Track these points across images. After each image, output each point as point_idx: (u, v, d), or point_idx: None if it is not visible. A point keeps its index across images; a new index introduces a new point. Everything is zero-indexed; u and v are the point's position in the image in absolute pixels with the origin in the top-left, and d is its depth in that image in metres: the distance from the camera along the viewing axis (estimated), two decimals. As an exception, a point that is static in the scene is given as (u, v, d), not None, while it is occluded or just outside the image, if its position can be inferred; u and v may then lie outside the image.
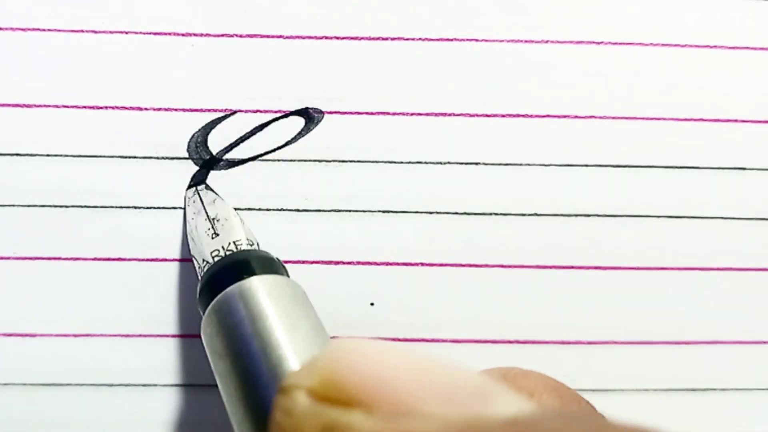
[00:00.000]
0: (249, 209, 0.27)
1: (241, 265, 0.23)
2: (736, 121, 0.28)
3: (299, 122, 0.28)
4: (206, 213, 0.26)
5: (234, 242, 0.24)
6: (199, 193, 0.27)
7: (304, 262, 0.27)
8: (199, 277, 0.25)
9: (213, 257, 0.24)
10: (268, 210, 0.27)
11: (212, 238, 0.25)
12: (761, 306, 0.28)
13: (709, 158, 0.28)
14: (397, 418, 0.14)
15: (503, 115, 0.28)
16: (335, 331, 0.27)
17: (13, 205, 0.27)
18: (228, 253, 0.24)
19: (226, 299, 0.22)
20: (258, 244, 0.25)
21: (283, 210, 0.27)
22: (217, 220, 0.25)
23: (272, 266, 0.23)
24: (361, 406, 0.15)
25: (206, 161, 0.27)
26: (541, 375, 0.22)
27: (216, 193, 0.27)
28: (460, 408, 0.14)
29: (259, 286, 0.22)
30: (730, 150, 0.28)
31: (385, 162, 0.28)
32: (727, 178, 0.28)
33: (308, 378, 0.16)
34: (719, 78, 0.28)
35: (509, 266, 0.28)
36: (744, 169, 0.28)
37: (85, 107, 0.27)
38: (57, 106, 0.27)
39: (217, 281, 0.23)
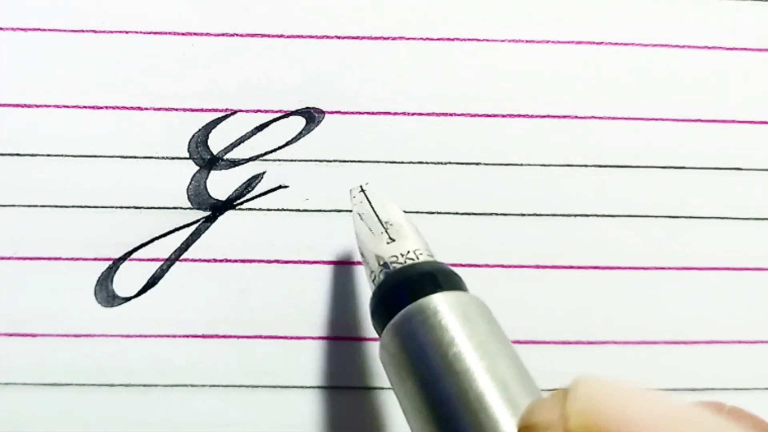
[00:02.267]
0: (250, 209, 0.27)
1: (426, 277, 0.22)
2: (734, 121, 0.28)
3: (300, 122, 0.28)
4: (377, 215, 0.24)
5: (414, 251, 0.23)
6: (365, 193, 0.25)
7: (304, 262, 0.27)
8: (372, 284, 0.23)
9: (391, 264, 0.23)
10: (269, 210, 0.27)
11: (387, 243, 0.23)
12: (761, 306, 0.28)
13: (707, 158, 0.28)
14: None
15: (503, 115, 0.28)
16: (335, 331, 0.27)
17: (13, 205, 0.27)
18: (408, 261, 0.23)
19: (417, 313, 0.21)
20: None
21: (284, 210, 0.27)
22: (391, 224, 0.24)
23: (457, 282, 0.22)
24: None
25: (207, 161, 0.27)
26: (751, 414, 0.21)
27: (384, 196, 0.25)
28: None
29: (449, 304, 0.21)
30: (728, 150, 0.28)
31: (385, 162, 0.28)
32: (725, 179, 0.28)
33: (565, 419, 0.15)
34: (718, 78, 0.29)
35: (509, 266, 0.28)
36: (741, 169, 0.28)
37: (85, 107, 0.27)
38: (57, 106, 0.27)
39: (401, 293, 0.21)
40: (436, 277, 0.22)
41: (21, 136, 0.27)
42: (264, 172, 0.28)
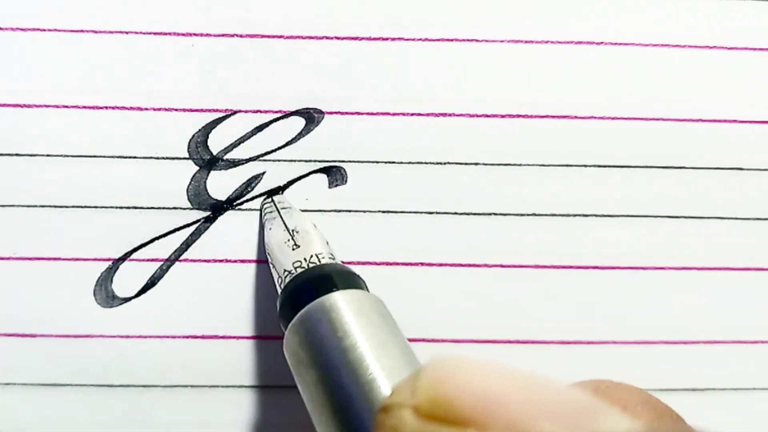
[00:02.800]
0: (249, 210, 0.27)
1: (324, 278, 0.23)
2: (734, 121, 0.28)
3: (299, 122, 0.28)
4: (284, 224, 0.26)
5: (316, 255, 0.25)
6: (275, 203, 0.27)
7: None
8: (279, 287, 0.25)
9: (295, 268, 0.24)
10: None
11: (293, 249, 0.25)
12: (761, 306, 0.28)
13: (707, 158, 0.28)
14: None
15: (503, 115, 0.28)
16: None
17: (13, 205, 0.27)
18: (311, 265, 0.24)
19: (313, 312, 0.22)
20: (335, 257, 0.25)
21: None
22: (297, 232, 0.25)
23: (354, 281, 0.24)
24: (473, 425, 0.15)
25: (207, 161, 0.27)
26: (633, 388, 0.22)
27: (291, 204, 0.27)
28: (572, 427, 0.14)
29: (344, 301, 0.22)
30: (728, 150, 0.28)
31: (385, 162, 0.28)
32: (725, 179, 0.28)
33: (413, 396, 0.16)
34: (718, 78, 0.28)
35: (509, 266, 0.28)
36: (741, 169, 0.28)
37: (85, 107, 0.27)
38: (57, 106, 0.27)
39: (302, 294, 0.23)
40: (333, 278, 0.23)
41: (21, 136, 0.27)
42: (264, 173, 0.28)
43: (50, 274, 0.27)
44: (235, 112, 0.28)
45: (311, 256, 0.25)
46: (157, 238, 0.27)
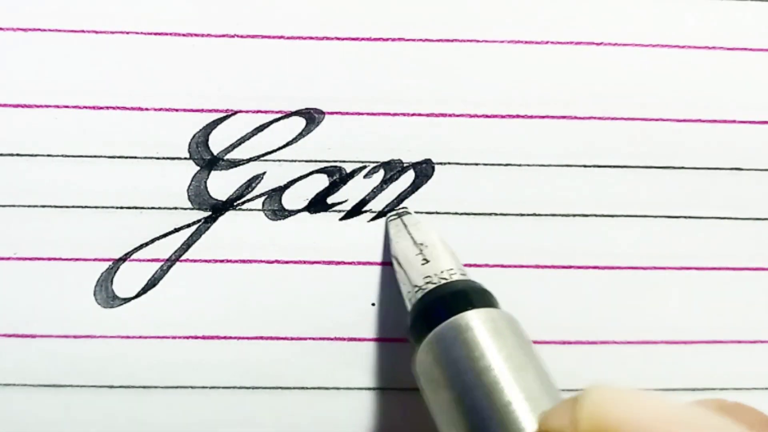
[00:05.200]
0: (250, 210, 0.27)
1: (458, 296, 0.23)
2: (734, 121, 0.28)
3: (300, 123, 0.28)
4: (412, 237, 0.26)
5: (447, 271, 0.24)
6: (401, 218, 0.27)
7: (305, 262, 0.27)
8: (409, 302, 0.25)
9: (426, 284, 0.24)
10: (269, 210, 0.27)
11: (422, 264, 0.25)
12: (761, 306, 0.28)
13: (707, 158, 0.28)
14: None
15: (503, 116, 0.28)
16: (335, 331, 0.27)
17: (13, 205, 0.27)
18: (442, 281, 0.24)
19: (448, 330, 0.22)
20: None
21: (284, 210, 0.27)
22: (425, 246, 0.25)
23: (488, 299, 0.24)
24: None
25: (207, 161, 0.27)
26: (752, 409, 0.22)
27: (418, 218, 0.27)
28: None
29: (480, 320, 0.22)
30: (728, 150, 0.28)
31: (385, 162, 0.28)
32: (725, 179, 0.28)
33: (574, 424, 0.16)
34: (718, 78, 0.29)
35: (509, 266, 0.28)
36: (741, 169, 0.28)
37: (85, 107, 0.27)
38: (57, 106, 0.27)
39: (435, 311, 0.23)
40: (468, 295, 0.23)
41: (21, 136, 0.27)
42: (264, 173, 0.28)
43: (50, 274, 0.27)
44: (235, 113, 0.28)
45: (442, 272, 0.24)
46: (158, 239, 0.27)
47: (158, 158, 0.27)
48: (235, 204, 0.27)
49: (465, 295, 0.23)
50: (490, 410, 0.20)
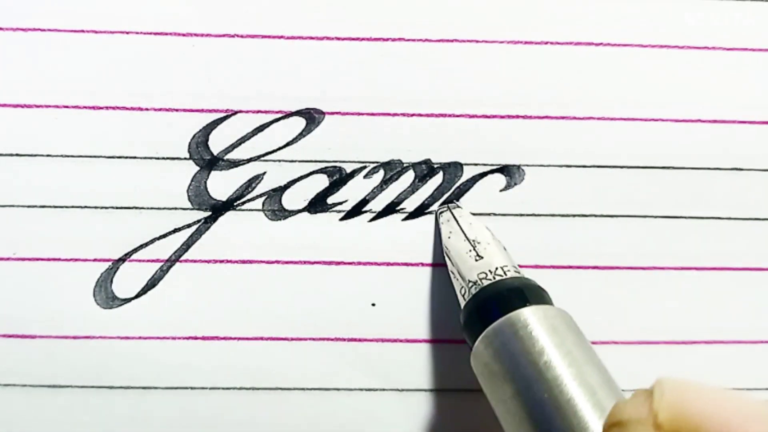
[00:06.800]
0: (250, 210, 0.27)
1: (514, 292, 0.24)
2: (734, 121, 0.28)
3: (300, 123, 0.28)
4: (464, 233, 0.26)
5: (501, 267, 0.25)
6: (452, 212, 0.27)
7: (305, 262, 0.27)
8: (463, 297, 0.25)
9: (480, 280, 0.25)
10: (269, 210, 0.27)
11: (476, 260, 0.25)
12: (761, 306, 0.28)
13: (707, 158, 0.28)
14: None
15: (503, 116, 0.28)
16: (335, 331, 0.27)
17: (13, 205, 0.27)
18: (497, 278, 0.24)
19: (507, 326, 0.23)
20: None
21: (284, 210, 0.27)
22: (478, 242, 0.26)
23: (543, 296, 0.24)
24: None
25: (207, 162, 0.27)
26: None
27: (469, 214, 0.27)
28: None
29: (536, 317, 0.23)
30: (728, 150, 0.28)
31: (385, 162, 0.28)
32: (725, 179, 0.28)
33: (653, 414, 0.16)
34: (718, 78, 0.29)
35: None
36: (741, 169, 0.28)
37: (85, 107, 0.27)
38: (57, 106, 0.27)
39: (491, 307, 0.24)
40: (524, 293, 0.24)
41: (21, 136, 0.27)
42: (264, 173, 0.28)
43: (50, 274, 0.27)
44: (235, 113, 0.28)
45: (496, 269, 0.25)
46: (158, 239, 0.27)
47: (158, 158, 0.27)
48: (235, 204, 0.27)
49: (520, 292, 0.24)
50: (553, 406, 0.21)
